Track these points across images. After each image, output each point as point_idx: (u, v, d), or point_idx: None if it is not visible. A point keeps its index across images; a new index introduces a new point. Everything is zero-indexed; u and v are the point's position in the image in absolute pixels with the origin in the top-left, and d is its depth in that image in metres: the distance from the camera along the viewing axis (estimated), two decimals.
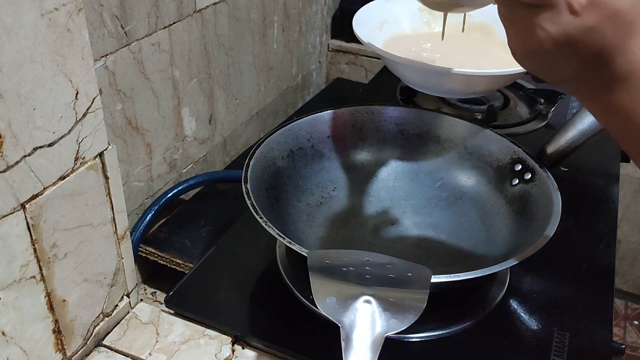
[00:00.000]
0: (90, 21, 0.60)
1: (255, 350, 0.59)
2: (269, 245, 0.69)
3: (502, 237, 0.64)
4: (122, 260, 0.59)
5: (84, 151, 0.50)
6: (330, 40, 1.28)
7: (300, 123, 0.73)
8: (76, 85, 0.47)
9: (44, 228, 0.48)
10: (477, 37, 0.89)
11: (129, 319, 0.61)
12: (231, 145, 0.95)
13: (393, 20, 0.89)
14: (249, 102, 0.97)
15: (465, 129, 0.74)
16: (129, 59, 0.67)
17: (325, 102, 1.15)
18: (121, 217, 0.57)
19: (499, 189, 0.70)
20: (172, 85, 0.76)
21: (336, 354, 0.45)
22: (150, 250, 0.74)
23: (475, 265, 0.62)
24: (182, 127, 0.80)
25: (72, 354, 0.55)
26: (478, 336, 0.59)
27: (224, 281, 0.65)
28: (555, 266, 0.68)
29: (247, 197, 0.59)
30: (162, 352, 0.58)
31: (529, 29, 0.39)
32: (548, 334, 0.59)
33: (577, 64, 0.39)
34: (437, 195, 0.73)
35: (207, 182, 0.83)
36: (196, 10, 0.77)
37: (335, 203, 0.72)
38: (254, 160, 0.65)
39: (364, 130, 0.76)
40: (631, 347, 1.56)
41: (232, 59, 0.89)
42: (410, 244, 0.68)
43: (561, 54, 0.39)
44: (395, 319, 0.47)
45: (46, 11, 0.43)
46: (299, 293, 0.62)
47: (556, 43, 0.38)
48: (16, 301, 0.47)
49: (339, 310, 0.48)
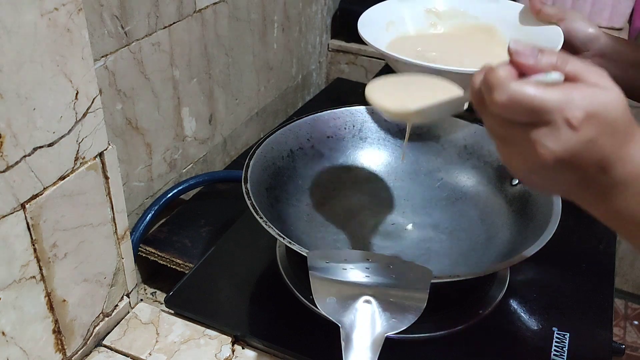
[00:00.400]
0: (90, 21, 0.60)
1: (255, 350, 0.59)
2: (269, 245, 0.69)
3: (502, 237, 0.64)
4: (122, 260, 0.59)
5: (84, 151, 0.50)
6: (330, 40, 1.28)
7: (300, 123, 0.73)
8: (76, 85, 0.47)
9: (44, 228, 0.48)
10: (482, 38, 0.90)
11: (129, 319, 0.61)
12: (231, 145, 0.95)
13: (399, 22, 0.90)
14: (249, 102, 0.97)
15: (465, 129, 0.74)
16: (129, 59, 0.67)
17: (325, 102, 1.15)
18: (121, 217, 0.57)
19: (499, 189, 0.70)
20: (172, 85, 0.76)
21: (336, 354, 0.45)
22: (150, 250, 0.74)
23: (475, 265, 0.62)
24: (182, 127, 0.80)
25: (72, 354, 0.55)
26: (478, 336, 0.59)
27: (224, 281, 0.65)
28: (555, 266, 0.68)
29: (247, 197, 0.59)
30: (162, 352, 0.58)
31: (528, 148, 0.38)
32: (548, 334, 0.59)
33: (578, 176, 0.39)
34: (437, 195, 0.73)
35: (207, 182, 0.83)
36: (196, 10, 0.77)
37: (335, 203, 0.72)
38: (254, 160, 0.65)
39: (364, 130, 0.76)
40: (631, 347, 1.56)
41: (232, 59, 0.89)
42: (410, 244, 0.68)
43: (562, 168, 0.39)
44: (395, 319, 0.47)
45: (46, 11, 0.43)
46: (299, 293, 0.62)
47: (558, 160, 0.38)
48: (16, 301, 0.47)
49: (339, 310, 0.48)
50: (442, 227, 0.70)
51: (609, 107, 0.37)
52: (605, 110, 0.37)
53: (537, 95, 0.37)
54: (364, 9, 0.88)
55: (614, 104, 0.38)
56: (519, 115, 0.38)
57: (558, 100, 0.37)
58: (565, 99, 0.37)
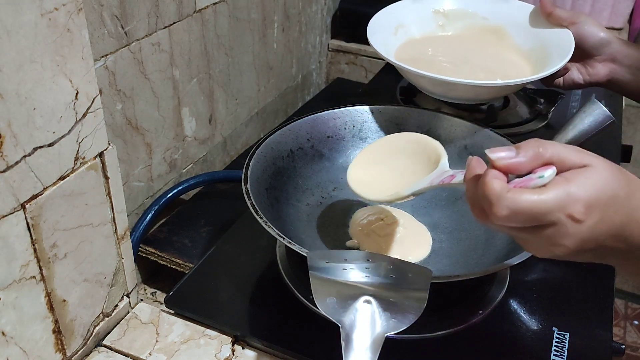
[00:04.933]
0: (90, 21, 0.60)
1: (255, 350, 0.59)
2: (269, 245, 0.69)
3: (502, 237, 0.64)
4: (122, 260, 0.59)
5: (84, 151, 0.50)
6: (330, 40, 1.28)
7: (300, 123, 0.73)
8: (76, 85, 0.47)
9: (44, 228, 0.48)
10: (491, 40, 0.89)
11: (129, 319, 0.61)
12: (231, 145, 0.95)
13: (408, 24, 0.89)
14: (249, 102, 0.98)
15: (465, 129, 0.74)
16: (129, 59, 0.67)
17: (325, 102, 1.15)
18: (121, 217, 0.57)
19: None
20: (172, 85, 0.76)
21: (336, 354, 0.45)
22: (150, 250, 0.74)
23: (475, 265, 0.62)
24: (182, 127, 0.80)
25: (72, 354, 0.55)
26: (478, 336, 0.59)
27: (224, 281, 0.65)
28: (555, 266, 0.68)
29: (247, 197, 0.59)
30: (162, 352, 0.58)
31: (542, 244, 0.40)
32: (548, 334, 0.59)
33: (599, 252, 0.40)
34: (437, 195, 0.73)
35: (207, 182, 0.83)
36: (196, 10, 0.77)
37: (336, 203, 0.72)
38: (254, 160, 0.65)
39: (364, 130, 0.76)
40: (631, 347, 1.56)
41: (232, 59, 0.89)
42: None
43: (580, 253, 0.40)
44: (395, 319, 0.47)
45: (46, 11, 0.43)
46: (299, 293, 0.62)
47: (572, 251, 0.39)
48: (16, 301, 0.47)
49: (339, 310, 0.48)
50: (442, 227, 0.70)
51: (606, 187, 0.38)
52: (603, 192, 0.38)
53: (536, 201, 0.38)
54: (364, 9, 0.89)
55: (608, 181, 0.39)
56: (523, 223, 0.39)
57: (557, 201, 0.38)
58: (563, 197, 0.38)
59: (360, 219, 0.69)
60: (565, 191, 0.38)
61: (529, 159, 0.39)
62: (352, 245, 0.66)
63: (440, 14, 0.91)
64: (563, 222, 0.38)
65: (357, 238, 0.67)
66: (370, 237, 0.66)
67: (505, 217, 0.38)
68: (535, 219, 0.38)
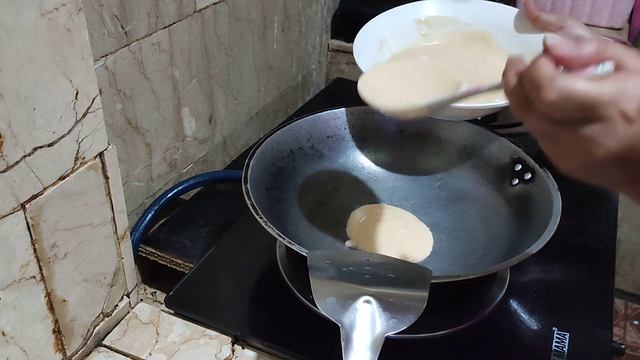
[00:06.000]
0: (90, 21, 0.60)
1: (255, 350, 0.59)
2: (269, 245, 0.69)
3: (502, 237, 0.64)
4: (122, 260, 0.59)
5: (84, 151, 0.50)
6: (330, 40, 1.28)
7: (300, 123, 0.73)
8: (76, 85, 0.47)
9: (44, 228, 0.48)
10: (478, 46, 0.87)
11: (129, 319, 0.61)
12: (231, 145, 0.95)
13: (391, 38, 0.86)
14: (249, 102, 0.97)
15: (465, 129, 0.74)
16: (129, 59, 0.67)
17: (325, 102, 1.15)
18: (121, 217, 0.57)
19: (499, 189, 0.70)
20: (172, 85, 0.76)
21: (336, 354, 0.45)
22: (150, 250, 0.74)
23: (475, 265, 0.62)
24: (182, 127, 0.80)
25: (72, 354, 0.55)
26: (478, 336, 0.59)
27: (224, 281, 0.65)
28: (555, 266, 0.68)
29: (247, 197, 0.59)
30: (162, 352, 0.58)
31: (579, 146, 0.37)
32: (548, 334, 0.59)
33: (635, 171, 0.37)
34: (437, 195, 0.73)
35: (207, 182, 0.83)
36: (196, 10, 0.77)
37: (335, 203, 0.72)
38: (254, 160, 0.65)
39: (364, 130, 0.76)
40: (631, 347, 1.56)
41: (232, 59, 0.89)
42: None
43: (617, 164, 0.37)
44: (395, 319, 0.47)
45: (46, 11, 0.43)
46: (299, 293, 0.62)
47: (613, 156, 0.36)
48: (16, 301, 0.47)
49: (339, 310, 0.48)
50: (442, 227, 0.70)
51: None
52: None
53: (591, 90, 0.35)
54: (364, 8, 0.87)
55: None
56: (570, 113, 0.36)
57: (613, 93, 0.35)
58: (620, 90, 0.35)
59: (359, 219, 0.69)
60: (623, 85, 0.35)
61: (587, 53, 0.37)
62: (352, 245, 0.66)
63: (422, 22, 0.88)
64: (613, 118, 0.35)
65: (356, 238, 0.67)
66: (369, 237, 0.66)
67: (552, 103, 0.36)
68: (586, 108, 0.35)
